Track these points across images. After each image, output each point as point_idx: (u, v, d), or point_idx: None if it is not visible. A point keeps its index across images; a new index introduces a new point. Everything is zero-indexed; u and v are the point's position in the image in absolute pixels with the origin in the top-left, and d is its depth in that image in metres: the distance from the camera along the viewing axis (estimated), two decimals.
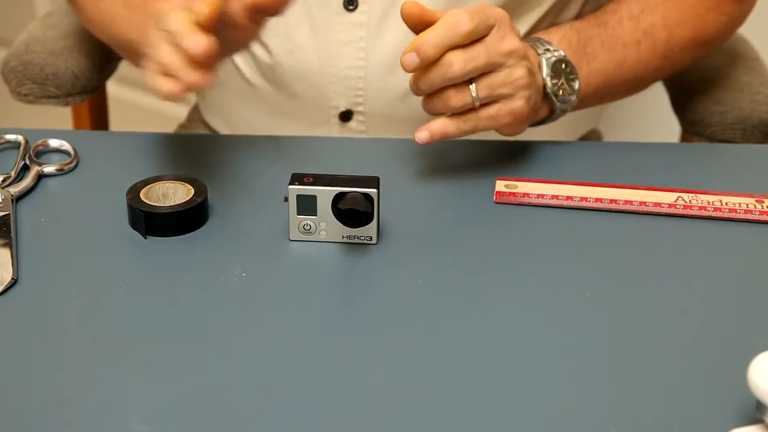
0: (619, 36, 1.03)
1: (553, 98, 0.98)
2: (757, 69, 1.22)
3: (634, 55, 1.04)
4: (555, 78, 0.97)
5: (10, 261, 0.84)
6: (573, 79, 0.99)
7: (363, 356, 0.76)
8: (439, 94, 0.89)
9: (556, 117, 1.01)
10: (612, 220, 0.91)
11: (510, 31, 0.91)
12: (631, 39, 1.03)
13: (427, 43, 0.86)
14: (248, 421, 0.70)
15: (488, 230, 0.90)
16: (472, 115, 0.91)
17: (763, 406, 0.67)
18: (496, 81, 0.90)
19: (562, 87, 0.98)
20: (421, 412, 0.71)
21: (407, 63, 0.87)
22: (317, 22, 1.05)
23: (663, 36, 1.04)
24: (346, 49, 1.05)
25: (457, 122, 0.90)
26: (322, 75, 1.07)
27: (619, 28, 1.04)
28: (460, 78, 0.88)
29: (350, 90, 1.07)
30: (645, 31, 1.04)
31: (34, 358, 0.75)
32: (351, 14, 1.04)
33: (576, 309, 0.81)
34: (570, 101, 0.99)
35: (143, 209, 0.87)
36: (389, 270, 0.85)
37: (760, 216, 0.91)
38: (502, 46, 0.90)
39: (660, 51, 1.05)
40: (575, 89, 0.99)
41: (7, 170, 0.94)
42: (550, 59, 0.97)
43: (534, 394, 0.73)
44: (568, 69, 0.99)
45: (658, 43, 1.04)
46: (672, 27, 1.04)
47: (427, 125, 0.90)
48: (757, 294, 0.83)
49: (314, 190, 0.85)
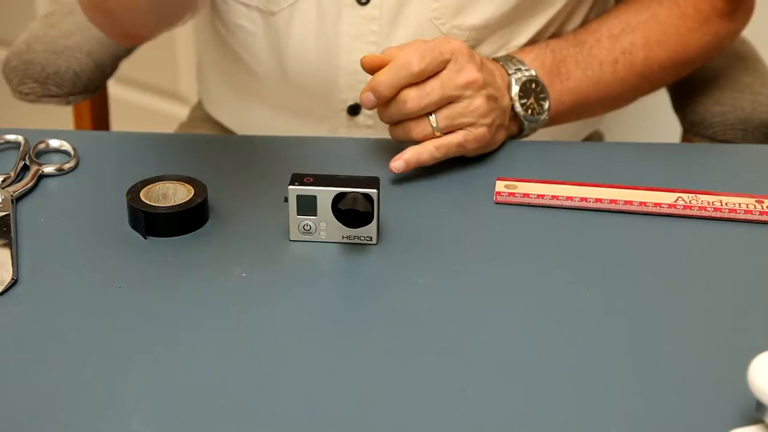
0: (595, 55, 1.04)
1: (521, 117, 1.00)
2: (757, 69, 1.22)
3: (610, 74, 1.05)
4: (524, 97, 1.00)
5: (10, 261, 0.84)
6: (543, 99, 1.01)
7: (363, 356, 0.76)
8: (401, 125, 0.94)
9: (526, 134, 1.03)
10: (612, 220, 0.91)
11: (467, 63, 0.94)
12: (608, 58, 1.05)
13: (381, 84, 0.92)
14: (248, 421, 0.70)
15: (488, 230, 0.90)
16: (443, 141, 0.94)
17: (763, 406, 0.67)
18: (454, 112, 0.94)
19: (531, 106, 1.01)
20: (421, 412, 0.71)
21: (365, 102, 0.93)
22: (328, 15, 1.05)
23: (641, 55, 1.05)
24: (357, 43, 1.05)
25: (430, 149, 0.94)
26: (332, 68, 1.07)
27: (597, 47, 1.05)
28: (416, 113, 0.93)
29: (359, 84, 1.07)
30: (623, 50, 1.05)
31: (34, 358, 0.75)
32: (363, 8, 1.04)
33: (576, 309, 0.81)
34: (538, 120, 1.02)
35: (143, 209, 0.87)
36: (389, 270, 0.85)
37: (760, 216, 0.91)
38: (458, 80, 0.93)
39: (638, 69, 1.05)
40: (545, 108, 1.02)
41: (7, 170, 0.94)
42: (520, 79, 1.00)
43: (534, 394, 0.73)
44: (539, 89, 1.01)
45: (635, 62, 1.05)
46: (651, 46, 1.05)
47: (400, 155, 0.94)
48: (757, 294, 0.83)
49: (314, 190, 0.85)
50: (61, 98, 1.21)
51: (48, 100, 1.21)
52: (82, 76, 1.22)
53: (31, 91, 1.21)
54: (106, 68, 1.27)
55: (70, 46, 1.23)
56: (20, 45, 1.23)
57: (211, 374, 0.74)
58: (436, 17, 1.04)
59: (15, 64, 1.21)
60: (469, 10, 1.04)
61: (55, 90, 1.21)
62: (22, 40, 1.24)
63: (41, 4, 2.29)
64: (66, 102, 1.22)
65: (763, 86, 1.19)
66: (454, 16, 1.04)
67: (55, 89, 1.21)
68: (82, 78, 1.22)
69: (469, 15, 1.04)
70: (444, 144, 0.94)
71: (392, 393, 0.73)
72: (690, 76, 1.21)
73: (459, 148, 0.95)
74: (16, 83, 1.21)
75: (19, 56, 1.22)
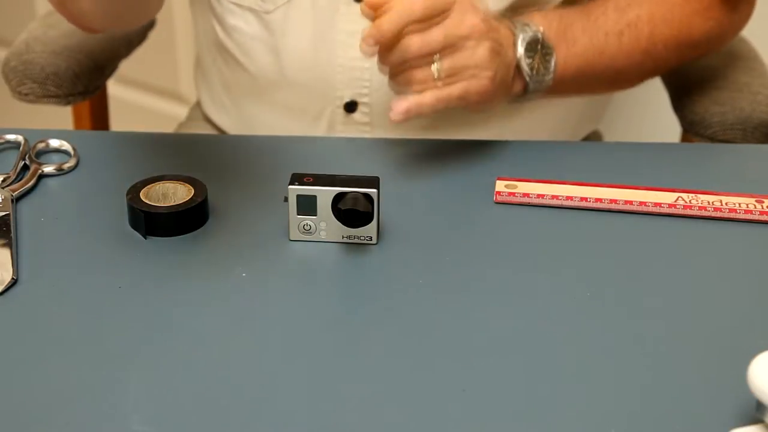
0: (601, 25, 1.03)
1: (526, 75, 0.99)
2: (757, 69, 1.22)
3: (615, 45, 1.04)
4: (530, 55, 0.98)
5: (10, 261, 0.84)
6: (548, 59, 1.00)
7: (363, 356, 0.76)
8: (402, 73, 0.92)
9: (530, 95, 1.01)
10: (612, 220, 0.91)
11: (470, 12, 0.93)
12: (614, 29, 1.03)
13: (383, 24, 0.89)
14: (248, 421, 0.70)
15: (488, 230, 0.90)
16: (444, 92, 0.92)
17: (763, 406, 0.67)
18: (457, 62, 0.92)
19: (536, 66, 0.99)
20: (421, 412, 0.71)
21: (366, 47, 0.90)
22: (324, 12, 1.05)
23: (646, 30, 1.04)
24: (353, 40, 1.05)
25: (431, 99, 0.92)
26: (328, 65, 1.07)
27: (603, 18, 1.04)
28: (418, 57, 0.91)
29: (356, 81, 1.07)
30: (628, 23, 1.04)
31: (34, 358, 0.75)
32: (358, 4, 1.04)
33: (576, 309, 0.81)
34: (544, 80, 1.00)
35: (143, 209, 0.87)
36: (389, 270, 0.85)
37: (760, 216, 0.91)
38: (461, 28, 0.92)
39: (642, 45, 1.04)
40: (550, 69, 1.00)
41: (7, 170, 0.94)
42: (525, 37, 0.98)
43: (534, 394, 0.73)
44: (545, 49, 0.99)
45: (640, 37, 1.04)
46: (657, 23, 1.04)
47: (399, 103, 0.92)
48: (757, 294, 0.83)
49: (314, 190, 0.85)
50: (60, 98, 1.21)
51: (47, 100, 1.21)
52: (82, 76, 1.22)
53: (31, 92, 1.21)
54: (106, 68, 1.27)
55: (70, 46, 1.23)
56: (20, 45, 1.23)
57: (211, 374, 0.74)
58: None
59: (14, 64, 1.21)
60: None
61: (54, 90, 1.21)
62: (22, 40, 1.24)
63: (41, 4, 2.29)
64: (65, 102, 1.22)
65: (763, 86, 1.19)
66: None
67: (54, 89, 1.21)
68: (82, 78, 1.22)
69: None
70: (445, 95, 0.92)
71: (392, 393, 0.73)
72: (689, 76, 1.21)
73: (460, 100, 0.93)
74: (15, 84, 1.21)
75: (19, 56, 1.22)
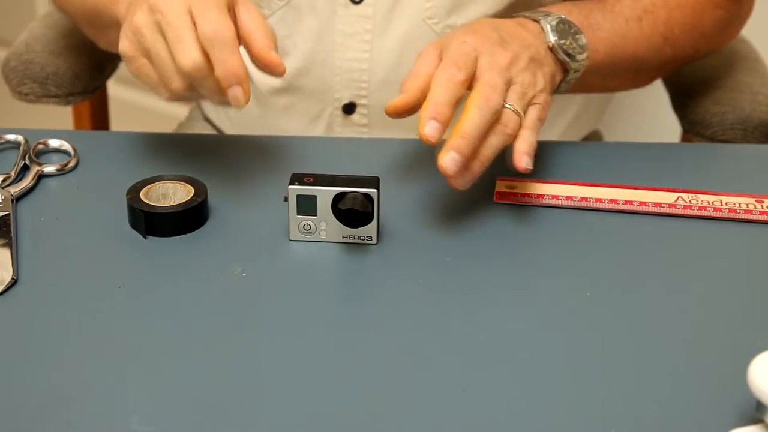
0: (618, 12, 1.03)
1: (564, 57, 0.96)
2: (757, 69, 1.22)
3: (636, 30, 1.03)
4: (562, 38, 0.96)
5: (10, 261, 0.84)
6: (579, 38, 0.97)
7: (363, 356, 0.76)
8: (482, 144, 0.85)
9: (571, 78, 0.98)
10: (612, 220, 0.91)
11: (492, 47, 0.89)
12: (632, 14, 1.03)
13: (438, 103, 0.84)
14: (248, 420, 0.70)
15: (488, 230, 0.90)
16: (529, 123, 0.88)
17: (763, 406, 0.67)
18: (519, 90, 0.89)
19: (570, 44, 0.96)
20: (421, 412, 0.71)
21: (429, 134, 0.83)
22: (322, 13, 1.05)
23: (663, 15, 1.04)
24: (350, 41, 1.06)
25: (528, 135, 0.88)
26: (326, 66, 1.07)
27: (619, 5, 1.03)
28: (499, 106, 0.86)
29: (354, 82, 1.08)
30: (645, 9, 1.03)
31: (34, 358, 0.75)
32: (357, 6, 1.05)
33: (576, 309, 0.81)
34: (581, 62, 0.97)
35: (143, 209, 0.87)
36: (389, 270, 0.85)
37: (760, 216, 0.91)
38: (501, 63, 0.88)
39: (660, 29, 1.04)
40: (584, 47, 0.97)
41: (7, 170, 0.94)
42: (552, 21, 0.96)
43: (534, 394, 0.73)
44: (573, 29, 0.97)
45: (658, 21, 1.04)
46: (672, 8, 1.04)
47: (517, 150, 0.87)
48: (757, 294, 0.83)
49: (314, 190, 0.85)
50: (60, 98, 1.21)
51: (47, 100, 1.21)
52: (82, 76, 1.22)
53: (31, 92, 1.21)
54: (106, 68, 1.27)
55: (70, 46, 1.23)
56: (19, 45, 1.23)
57: (211, 374, 0.74)
58: (429, 17, 1.04)
59: (14, 64, 1.21)
60: (461, 10, 1.04)
61: (54, 90, 1.21)
62: (22, 40, 1.24)
63: (41, 4, 2.29)
64: (65, 102, 1.22)
65: (763, 86, 1.19)
66: (447, 15, 1.04)
67: (54, 89, 1.21)
68: (82, 78, 1.22)
69: (462, 15, 1.04)
70: (531, 124, 0.88)
71: (392, 393, 0.73)
72: (689, 76, 1.21)
73: (540, 121, 0.90)
74: (15, 84, 1.21)
75: (19, 56, 1.22)
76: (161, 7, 0.83)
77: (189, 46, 0.82)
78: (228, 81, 0.82)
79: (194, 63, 0.81)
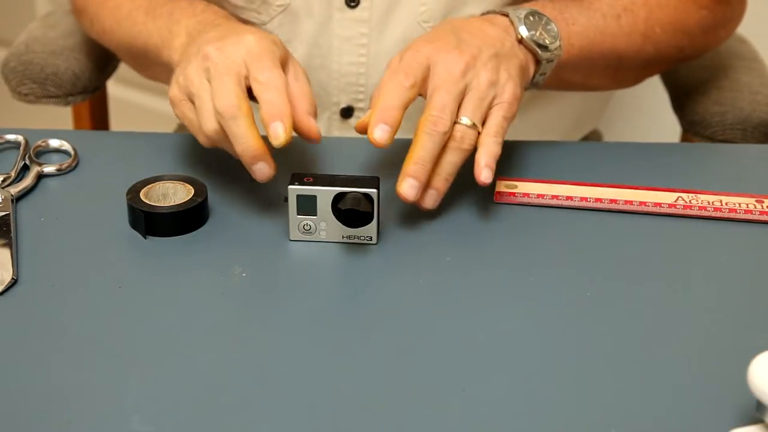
0: (596, 9, 1.02)
1: (534, 47, 0.95)
2: (757, 69, 1.22)
3: (614, 26, 1.02)
4: (531, 29, 0.95)
5: (10, 261, 0.84)
6: (550, 28, 0.96)
7: (363, 356, 0.76)
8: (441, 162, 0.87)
9: (545, 70, 0.97)
10: (612, 220, 0.91)
11: (446, 55, 0.89)
12: (610, 12, 1.02)
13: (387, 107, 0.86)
14: (248, 420, 0.70)
15: (488, 230, 0.90)
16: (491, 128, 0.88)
17: (763, 406, 0.67)
18: (474, 100, 0.88)
19: (540, 34, 0.95)
20: (421, 412, 0.71)
21: (379, 137, 0.85)
22: (319, 18, 1.05)
23: (643, 14, 1.03)
24: (347, 45, 1.06)
25: (490, 142, 0.88)
26: (323, 71, 1.07)
27: (597, 3, 1.02)
28: (449, 125, 0.86)
29: (351, 86, 1.08)
30: (624, 7, 1.02)
31: (34, 358, 0.75)
32: (352, 11, 1.05)
33: (576, 309, 0.81)
34: (553, 50, 0.96)
35: (143, 209, 0.87)
36: (389, 270, 0.85)
37: (760, 216, 0.91)
38: (453, 73, 0.88)
39: (641, 28, 1.03)
40: (555, 36, 0.96)
41: (7, 170, 0.94)
42: (521, 14, 0.95)
43: (534, 394, 0.73)
44: (543, 20, 0.96)
45: (638, 20, 1.02)
46: (652, 7, 1.03)
47: (477, 163, 0.87)
48: (757, 294, 0.83)
49: (314, 190, 0.85)
50: (60, 99, 1.21)
51: (47, 100, 1.21)
52: (82, 76, 1.22)
53: (30, 92, 1.21)
54: (106, 68, 1.27)
55: (69, 46, 1.23)
56: (19, 46, 1.23)
57: (211, 374, 0.74)
58: (424, 20, 1.04)
59: (14, 64, 1.21)
60: (455, 13, 1.04)
61: (54, 91, 1.21)
62: (21, 40, 1.24)
63: (41, 4, 2.29)
64: (65, 102, 1.22)
65: (762, 86, 1.19)
66: (441, 18, 1.04)
67: (54, 90, 1.21)
68: (82, 78, 1.22)
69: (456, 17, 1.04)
70: (494, 130, 0.88)
71: (392, 393, 0.73)
72: (689, 76, 1.21)
73: (507, 120, 0.89)
74: (15, 84, 1.21)
75: (18, 57, 1.22)
76: (214, 57, 0.87)
77: (229, 90, 0.85)
78: (272, 118, 0.84)
79: (229, 106, 0.84)
